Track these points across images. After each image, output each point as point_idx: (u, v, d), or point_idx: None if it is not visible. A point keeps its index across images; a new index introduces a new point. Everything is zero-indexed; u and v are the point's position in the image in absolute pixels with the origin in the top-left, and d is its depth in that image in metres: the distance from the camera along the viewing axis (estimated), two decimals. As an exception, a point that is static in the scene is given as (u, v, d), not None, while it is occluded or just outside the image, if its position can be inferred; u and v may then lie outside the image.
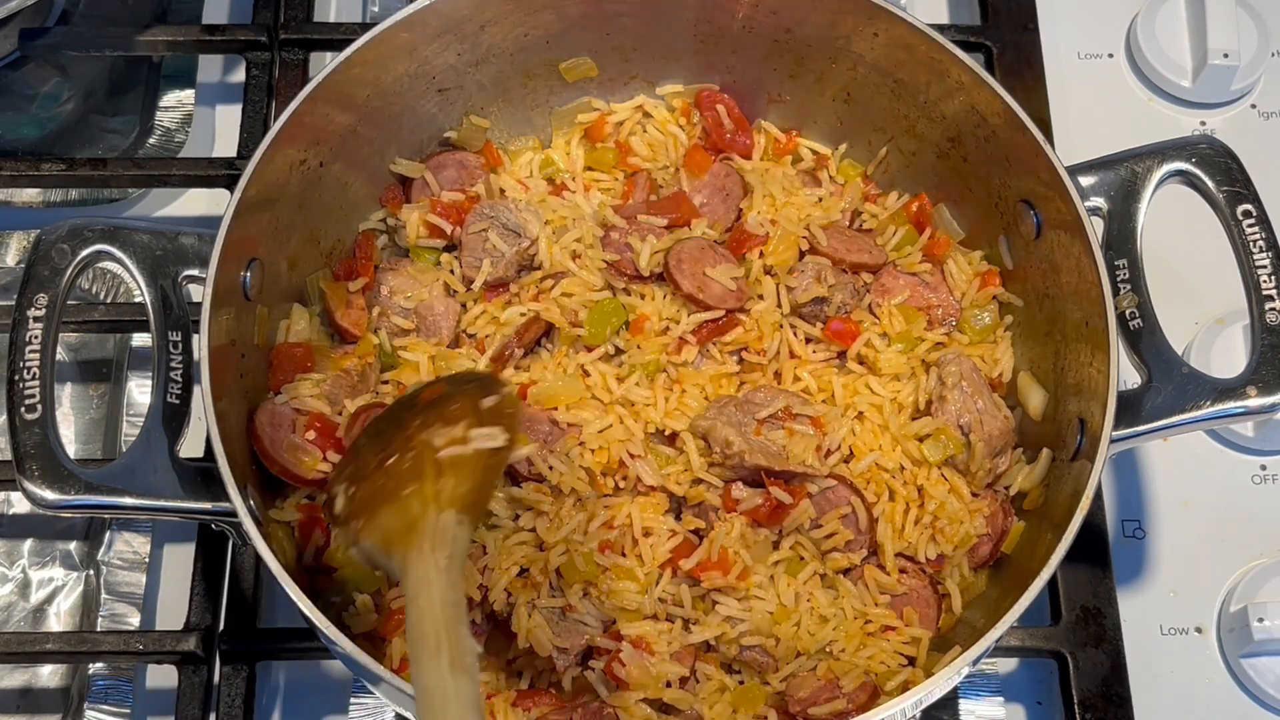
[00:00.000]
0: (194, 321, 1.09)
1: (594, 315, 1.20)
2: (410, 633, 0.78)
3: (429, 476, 0.89)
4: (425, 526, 0.86)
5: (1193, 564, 1.31)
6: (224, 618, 1.22)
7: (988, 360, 1.24)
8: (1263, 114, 1.53)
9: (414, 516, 0.87)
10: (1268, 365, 1.09)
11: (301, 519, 1.15)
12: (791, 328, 1.23)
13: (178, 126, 1.59)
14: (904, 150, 1.32)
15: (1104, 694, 1.21)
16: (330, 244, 1.27)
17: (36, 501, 1.03)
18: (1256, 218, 1.13)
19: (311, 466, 1.15)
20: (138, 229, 1.14)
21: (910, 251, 1.28)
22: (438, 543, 0.85)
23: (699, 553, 1.13)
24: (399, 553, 0.86)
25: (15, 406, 1.05)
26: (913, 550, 1.17)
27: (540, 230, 1.24)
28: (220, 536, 1.24)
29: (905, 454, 1.18)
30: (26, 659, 1.26)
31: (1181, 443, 1.35)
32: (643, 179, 1.31)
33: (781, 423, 1.16)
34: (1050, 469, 1.17)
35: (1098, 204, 1.17)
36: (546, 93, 1.34)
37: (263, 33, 1.46)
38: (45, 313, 1.08)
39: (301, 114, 1.16)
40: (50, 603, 1.36)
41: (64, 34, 1.51)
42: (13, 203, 1.54)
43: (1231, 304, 1.34)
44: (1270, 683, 1.23)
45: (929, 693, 1.00)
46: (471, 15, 1.24)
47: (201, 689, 1.19)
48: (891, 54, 1.25)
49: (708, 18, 1.30)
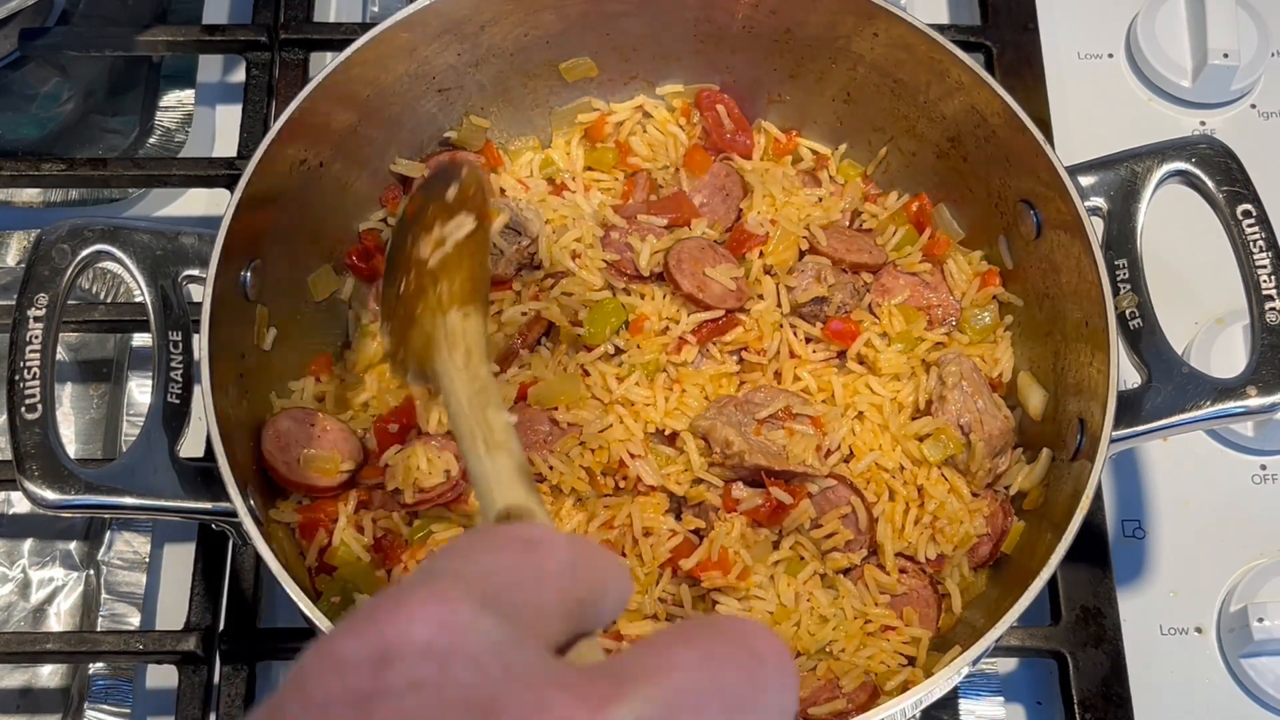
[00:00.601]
0: (194, 321, 1.09)
1: (594, 315, 1.20)
2: (454, 432, 0.83)
3: (429, 288, 0.93)
4: (439, 334, 0.91)
5: (1193, 564, 1.31)
6: (224, 618, 1.22)
7: (988, 360, 1.24)
8: (1263, 114, 1.53)
9: (429, 330, 0.92)
10: (1268, 365, 1.09)
11: (301, 520, 1.16)
12: (791, 328, 1.23)
13: (178, 126, 1.59)
14: (904, 150, 1.32)
15: (1104, 694, 1.21)
16: (330, 244, 1.27)
17: (36, 501, 1.03)
18: (1256, 218, 1.13)
19: (334, 470, 1.15)
20: (138, 229, 1.14)
21: (910, 251, 1.28)
22: (453, 343, 0.90)
23: (699, 553, 1.13)
24: (429, 367, 0.91)
25: (15, 406, 1.05)
26: (913, 550, 1.17)
27: (540, 229, 1.24)
28: (220, 536, 1.24)
29: (905, 454, 1.18)
30: (26, 659, 1.25)
31: (1181, 443, 1.35)
32: (643, 179, 1.31)
33: (781, 423, 1.16)
34: (1050, 469, 1.17)
35: (1098, 204, 1.17)
36: (546, 93, 1.34)
37: (263, 33, 1.46)
38: (45, 313, 1.08)
39: (301, 114, 1.16)
40: (50, 603, 1.36)
41: (64, 34, 1.51)
42: (13, 203, 1.54)
43: (1231, 304, 1.34)
44: (1270, 683, 1.23)
45: (929, 693, 1.00)
46: (471, 15, 1.24)
47: (201, 689, 1.19)
48: (891, 54, 1.25)
49: (708, 18, 1.30)
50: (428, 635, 0.46)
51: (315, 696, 0.45)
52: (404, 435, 1.18)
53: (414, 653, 0.46)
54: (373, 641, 0.46)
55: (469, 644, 0.46)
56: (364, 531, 1.15)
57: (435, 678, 0.45)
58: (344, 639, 0.47)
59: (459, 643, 0.46)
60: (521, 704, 0.45)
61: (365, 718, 0.44)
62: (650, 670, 0.47)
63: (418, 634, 0.46)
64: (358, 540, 1.14)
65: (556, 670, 0.49)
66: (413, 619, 0.46)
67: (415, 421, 1.19)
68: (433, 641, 0.46)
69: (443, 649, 0.46)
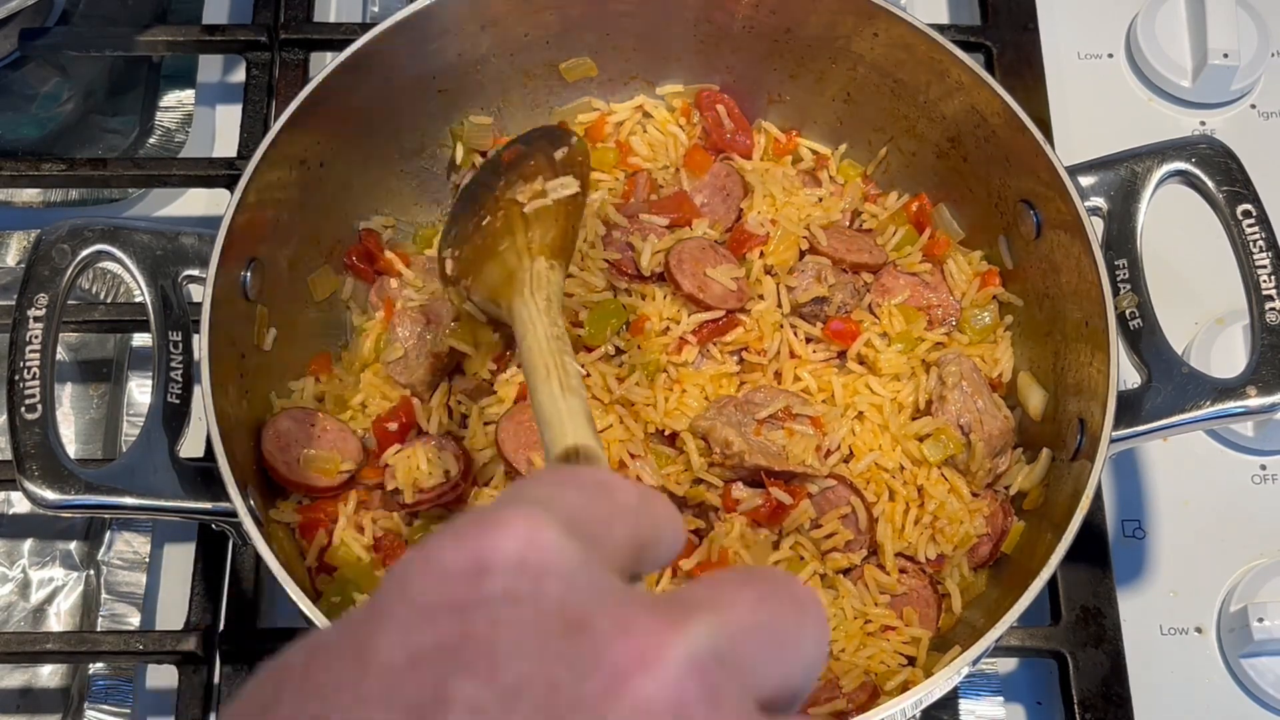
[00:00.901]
0: (194, 321, 1.09)
1: (594, 315, 1.20)
2: (525, 368, 0.86)
3: (519, 230, 0.99)
4: (523, 274, 0.96)
5: (1193, 564, 1.31)
6: (224, 618, 1.22)
7: (988, 360, 1.24)
8: (1263, 114, 1.53)
9: (512, 268, 0.97)
10: (1268, 365, 1.09)
11: (301, 520, 1.16)
12: (792, 328, 1.23)
13: (178, 126, 1.59)
14: (904, 150, 1.32)
15: (1104, 694, 1.21)
16: (330, 244, 1.27)
17: (36, 501, 1.03)
18: (1256, 218, 1.13)
19: (334, 470, 1.15)
20: (138, 229, 1.14)
21: (910, 251, 1.28)
22: (536, 286, 0.95)
23: (699, 553, 1.13)
24: (505, 300, 0.96)
25: (15, 406, 1.05)
26: (913, 550, 1.17)
27: None
28: (220, 536, 1.24)
29: (905, 454, 1.18)
30: (26, 659, 1.25)
31: (1181, 443, 1.35)
32: (643, 179, 1.31)
33: (781, 423, 1.16)
34: (1050, 469, 1.17)
35: (1098, 204, 1.17)
36: (546, 93, 1.34)
37: (263, 33, 1.46)
38: (45, 313, 1.08)
39: (301, 114, 1.16)
40: (50, 603, 1.36)
41: (64, 34, 1.50)
42: (13, 203, 1.54)
43: (1231, 304, 1.34)
44: (1270, 683, 1.23)
45: (929, 693, 1.00)
46: (471, 15, 1.24)
47: (201, 689, 1.19)
48: (891, 54, 1.25)
49: (708, 18, 1.30)
50: (520, 551, 0.49)
51: (419, 601, 0.48)
52: (404, 435, 1.18)
53: (510, 566, 0.48)
54: (471, 553, 0.49)
55: (558, 562, 0.49)
56: (364, 531, 1.15)
57: (529, 591, 0.48)
58: (443, 549, 0.49)
59: (549, 560, 0.49)
60: (609, 617, 0.48)
61: (467, 623, 0.47)
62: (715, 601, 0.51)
63: (511, 549, 0.49)
64: (358, 540, 1.14)
65: (636, 592, 0.52)
66: (507, 535, 0.49)
67: (415, 421, 1.19)
68: (526, 558, 0.49)
69: (535, 565, 0.48)
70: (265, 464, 1.15)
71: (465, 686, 0.45)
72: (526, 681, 0.45)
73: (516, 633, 0.47)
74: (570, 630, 0.47)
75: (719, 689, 0.47)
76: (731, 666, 0.49)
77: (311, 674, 0.47)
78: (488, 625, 0.47)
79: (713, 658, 0.48)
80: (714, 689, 0.47)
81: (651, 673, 0.46)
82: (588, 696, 0.45)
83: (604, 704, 0.45)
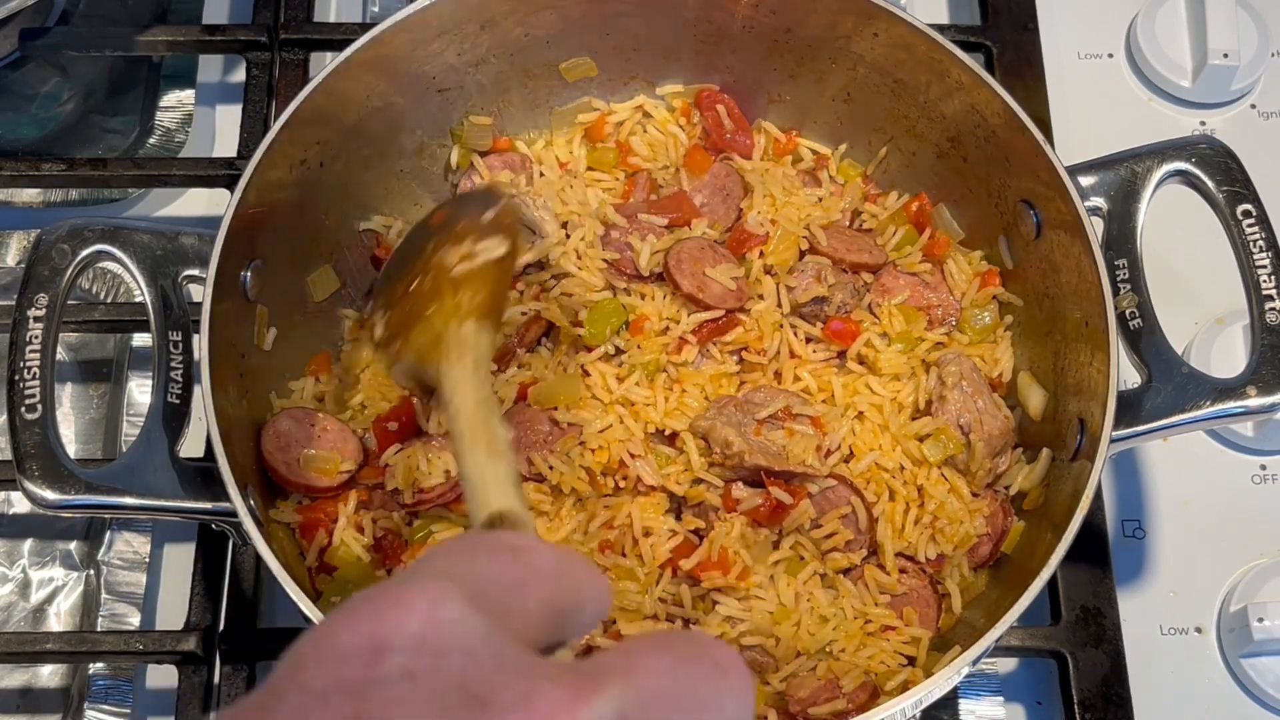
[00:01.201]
0: (194, 321, 1.09)
1: (594, 315, 1.20)
2: (452, 433, 0.85)
3: (447, 294, 0.98)
4: (450, 338, 0.95)
5: (1193, 564, 1.31)
6: (224, 618, 1.22)
7: (988, 360, 1.24)
8: (1263, 114, 1.53)
9: (439, 331, 0.96)
10: (1268, 365, 1.09)
11: (301, 520, 1.16)
12: (791, 327, 1.23)
13: (178, 126, 1.59)
14: (904, 150, 1.32)
15: (1104, 694, 1.21)
16: (330, 244, 1.27)
17: (37, 501, 1.03)
18: (1256, 218, 1.13)
19: (334, 470, 1.15)
20: (138, 229, 1.14)
21: (910, 251, 1.28)
22: (463, 351, 0.94)
23: (699, 553, 1.13)
24: (432, 364, 0.95)
25: (15, 406, 1.05)
26: (913, 550, 1.17)
27: (554, 232, 1.24)
28: (220, 536, 1.24)
29: (905, 454, 1.18)
30: (26, 659, 1.25)
31: (1181, 443, 1.35)
32: (643, 179, 1.31)
33: (781, 423, 1.16)
34: (1050, 469, 1.17)
35: (1098, 204, 1.17)
36: (546, 93, 1.34)
37: (263, 33, 1.46)
38: (45, 313, 1.08)
39: (301, 114, 1.16)
40: (50, 603, 1.36)
41: (64, 34, 1.51)
42: (13, 203, 1.54)
43: (1231, 304, 1.34)
44: (1270, 683, 1.23)
45: (929, 693, 1.00)
46: (471, 15, 1.24)
47: (201, 689, 1.19)
48: (891, 54, 1.25)
49: (708, 18, 1.30)
50: (420, 628, 0.48)
51: (313, 685, 0.47)
52: (404, 435, 1.18)
53: (407, 644, 0.48)
54: (367, 633, 0.48)
55: (460, 637, 0.48)
56: (364, 531, 1.15)
57: (428, 667, 0.47)
58: (339, 630, 0.48)
59: (450, 635, 0.48)
60: (512, 691, 0.47)
61: (363, 705, 0.46)
62: (626, 669, 0.50)
63: (410, 626, 0.48)
64: (358, 540, 1.14)
65: (542, 664, 0.51)
66: (406, 612, 0.48)
67: (415, 421, 1.19)
68: (425, 634, 0.48)
69: (434, 643, 0.48)
70: (265, 464, 1.15)
71: None
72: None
73: (413, 710, 0.46)
74: (470, 705, 0.46)
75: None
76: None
77: None
78: (382, 705, 0.46)
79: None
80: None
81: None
82: None
83: None
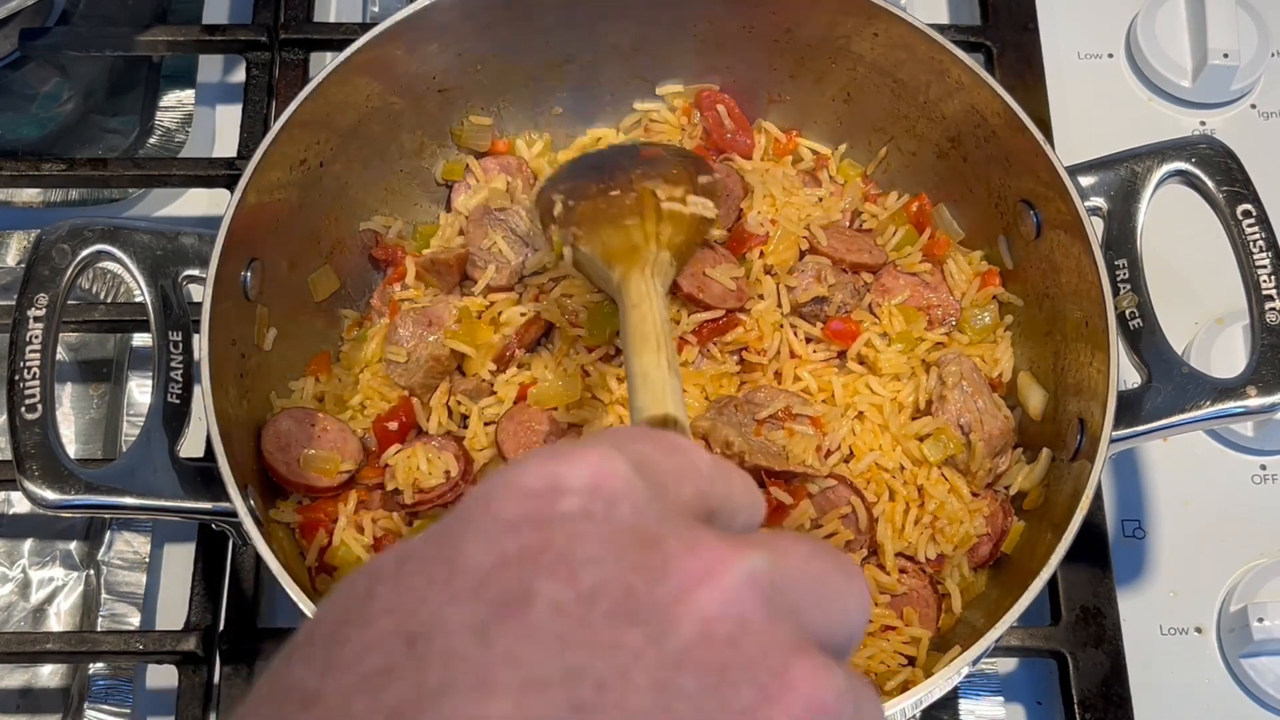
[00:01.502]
0: (194, 321, 1.09)
1: (594, 316, 1.20)
2: (633, 333, 0.88)
3: (650, 218, 1.03)
4: (648, 254, 1.00)
5: (1193, 564, 1.31)
6: (224, 618, 1.22)
7: (988, 360, 1.24)
8: (1263, 114, 1.53)
9: (637, 243, 1.01)
10: (1268, 365, 1.09)
11: (301, 520, 1.16)
12: (792, 327, 1.23)
13: (178, 126, 1.59)
14: (904, 150, 1.32)
15: (1104, 694, 1.21)
16: (330, 244, 1.27)
17: (37, 501, 1.03)
18: (1256, 218, 1.13)
19: (334, 470, 1.15)
20: (138, 229, 1.14)
21: (910, 251, 1.28)
22: (656, 270, 0.98)
23: (699, 553, 1.12)
24: (620, 266, 1.00)
25: (15, 406, 1.05)
26: (913, 550, 1.16)
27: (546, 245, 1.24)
28: (220, 536, 1.24)
29: (905, 454, 1.18)
30: (26, 659, 1.25)
31: (1181, 443, 1.35)
32: (643, 179, 1.31)
33: (782, 423, 1.16)
34: (1050, 469, 1.17)
35: (1098, 204, 1.17)
36: (547, 93, 1.34)
37: (263, 33, 1.46)
38: (45, 313, 1.08)
39: (301, 114, 1.16)
40: (50, 603, 1.36)
41: (64, 34, 1.51)
42: (13, 203, 1.54)
43: (1231, 304, 1.34)
44: (1270, 683, 1.23)
45: (929, 693, 1.00)
46: (472, 15, 1.24)
47: (201, 689, 1.19)
48: (891, 54, 1.25)
49: (708, 18, 1.30)
50: (592, 478, 0.53)
51: (503, 514, 0.52)
52: (404, 435, 1.19)
53: (584, 489, 0.52)
54: (548, 476, 0.53)
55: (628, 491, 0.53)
56: (364, 531, 1.15)
57: (603, 511, 0.52)
58: (523, 473, 0.53)
59: (620, 487, 0.53)
60: (677, 539, 0.52)
61: (548, 534, 0.51)
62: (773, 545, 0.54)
63: (585, 475, 0.53)
64: (358, 540, 1.14)
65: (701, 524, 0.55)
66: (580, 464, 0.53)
67: (415, 421, 1.19)
68: (599, 484, 0.53)
69: (607, 490, 0.53)
70: (265, 464, 1.15)
71: (548, 587, 0.49)
72: (603, 585, 0.49)
73: (593, 544, 0.50)
74: (641, 545, 0.51)
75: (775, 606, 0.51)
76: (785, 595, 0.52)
77: (404, 574, 0.50)
78: (566, 537, 0.51)
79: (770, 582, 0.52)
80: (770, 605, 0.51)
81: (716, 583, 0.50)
82: (659, 601, 0.49)
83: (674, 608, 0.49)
